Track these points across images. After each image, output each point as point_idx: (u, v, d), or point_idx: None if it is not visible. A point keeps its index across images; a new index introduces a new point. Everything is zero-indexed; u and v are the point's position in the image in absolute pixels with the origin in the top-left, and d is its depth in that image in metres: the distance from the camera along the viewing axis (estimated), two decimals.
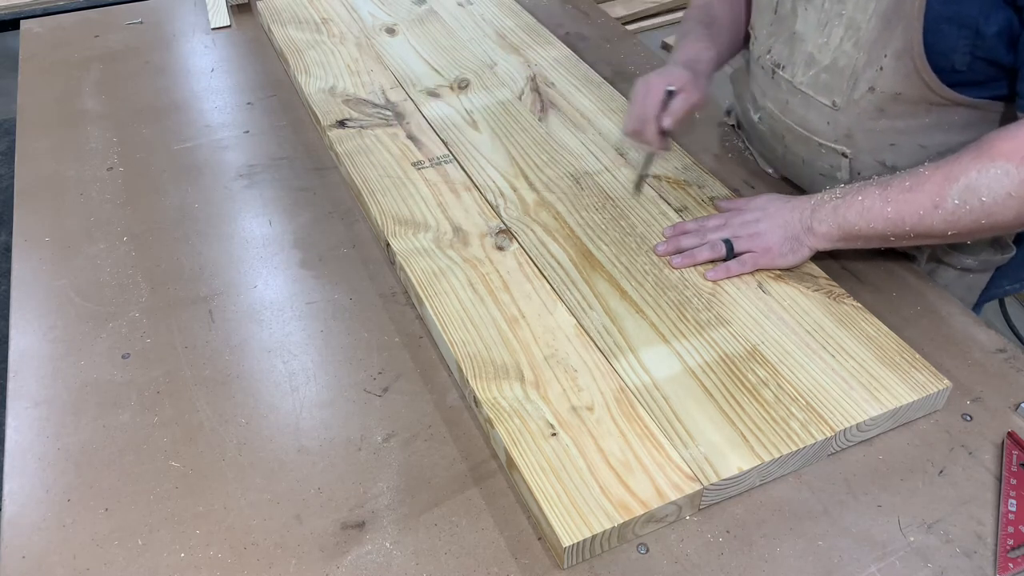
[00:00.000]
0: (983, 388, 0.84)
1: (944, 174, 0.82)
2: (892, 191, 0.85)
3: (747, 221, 0.94)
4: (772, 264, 0.92)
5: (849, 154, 0.96)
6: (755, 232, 0.93)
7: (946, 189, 0.82)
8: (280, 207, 1.10)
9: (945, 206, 0.82)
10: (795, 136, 1.02)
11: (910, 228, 0.84)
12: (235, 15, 1.57)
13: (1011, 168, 0.78)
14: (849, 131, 0.95)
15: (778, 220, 0.92)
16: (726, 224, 0.95)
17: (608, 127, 1.18)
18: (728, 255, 0.93)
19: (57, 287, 0.98)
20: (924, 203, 0.83)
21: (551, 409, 0.78)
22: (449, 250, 0.96)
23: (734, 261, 0.93)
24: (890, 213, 0.85)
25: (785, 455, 0.74)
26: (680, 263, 0.94)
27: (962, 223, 0.82)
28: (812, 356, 0.83)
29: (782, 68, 1.00)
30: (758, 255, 0.92)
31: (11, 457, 0.79)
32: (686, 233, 0.97)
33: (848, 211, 0.87)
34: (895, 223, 0.85)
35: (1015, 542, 0.70)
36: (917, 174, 0.84)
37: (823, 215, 0.89)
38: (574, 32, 1.48)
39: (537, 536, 0.72)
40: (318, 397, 0.84)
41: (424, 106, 1.23)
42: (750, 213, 0.95)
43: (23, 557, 0.71)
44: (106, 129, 1.25)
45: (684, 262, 0.94)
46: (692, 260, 0.94)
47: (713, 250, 0.93)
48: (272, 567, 0.70)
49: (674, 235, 0.97)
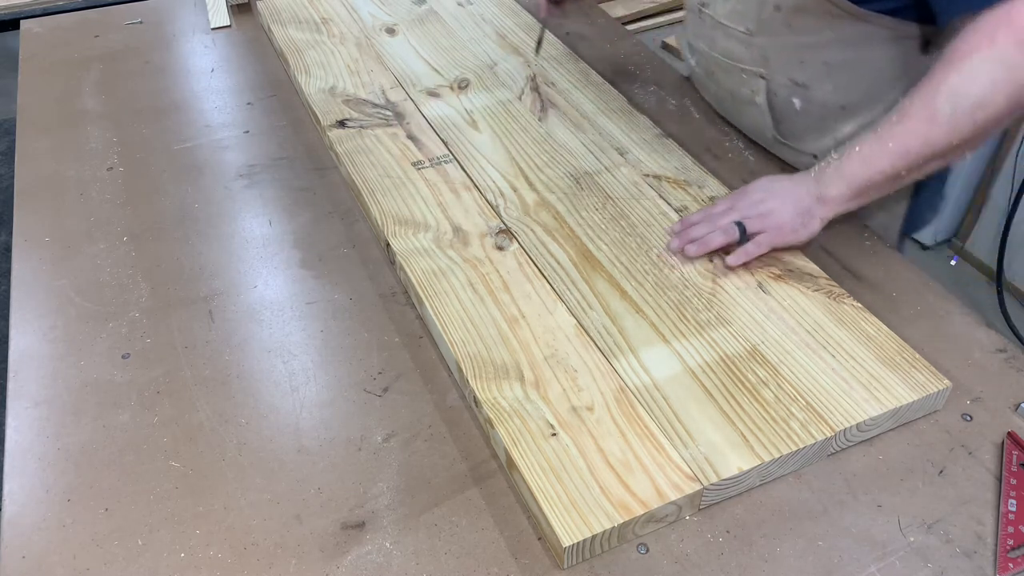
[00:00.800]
0: (983, 388, 0.84)
1: (925, 92, 0.84)
2: (884, 130, 0.86)
3: (754, 202, 0.94)
4: (785, 241, 0.92)
5: (765, 75, 1.06)
6: (765, 211, 0.92)
7: (933, 103, 0.83)
8: (280, 207, 1.10)
9: (939, 119, 0.83)
10: (722, 68, 1.12)
11: (916, 155, 0.85)
12: (235, 15, 1.57)
13: (981, 57, 0.80)
14: (764, 52, 1.04)
15: (785, 196, 0.92)
16: (733, 207, 0.95)
17: (608, 127, 1.18)
18: (741, 238, 0.92)
19: (57, 287, 0.98)
20: (919, 125, 0.84)
21: (551, 409, 0.78)
22: (449, 250, 0.96)
23: (750, 243, 0.92)
24: (892, 147, 0.85)
25: (785, 455, 0.74)
26: (695, 251, 0.93)
27: (961, 128, 0.82)
28: (812, 356, 0.83)
29: (706, 6, 1.10)
30: (771, 234, 0.92)
31: (11, 457, 0.79)
32: (694, 225, 0.96)
33: (851, 165, 0.88)
34: (900, 156, 0.85)
35: (1015, 542, 0.71)
36: (899, 106, 0.86)
37: (829, 179, 0.90)
38: (574, 32, 1.48)
39: (537, 536, 0.72)
40: (318, 397, 0.84)
41: (424, 106, 1.23)
42: (755, 194, 0.95)
43: (23, 557, 0.71)
44: (106, 129, 1.25)
45: (699, 249, 0.93)
46: (706, 247, 0.93)
47: (726, 234, 0.92)
48: (272, 567, 0.70)
49: (683, 228, 0.97)
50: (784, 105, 1.06)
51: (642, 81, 1.34)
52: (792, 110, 1.06)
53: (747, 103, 1.10)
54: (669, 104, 1.28)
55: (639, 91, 1.31)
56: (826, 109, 1.04)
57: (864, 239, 1.02)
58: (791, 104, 1.05)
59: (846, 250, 1.00)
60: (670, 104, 1.28)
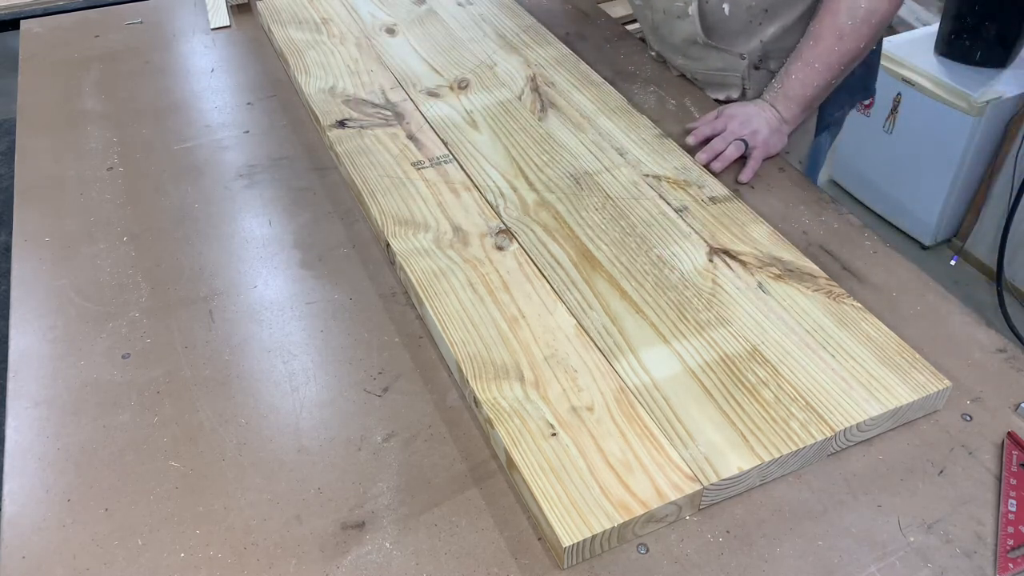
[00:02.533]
0: (983, 388, 0.84)
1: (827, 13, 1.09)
2: (806, 53, 1.12)
3: (743, 123, 1.14)
4: (769, 152, 1.13)
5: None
6: (753, 130, 1.13)
7: (837, 21, 1.08)
8: (280, 207, 1.10)
9: (845, 31, 1.08)
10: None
11: (837, 65, 1.11)
12: (235, 15, 1.57)
13: None
14: None
15: (760, 120, 1.14)
16: (728, 128, 1.14)
17: (608, 127, 1.18)
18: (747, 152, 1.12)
19: (57, 287, 0.98)
20: (831, 43, 1.09)
21: (551, 409, 0.78)
22: (449, 250, 0.96)
23: (751, 159, 1.11)
24: (817, 67, 1.11)
25: (785, 455, 0.74)
26: (719, 167, 1.10)
27: (864, 32, 1.08)
28: (812, 356, 0.83)
29: None
30: (761, 149, 1.12)
31: (11, 457, 0.79)
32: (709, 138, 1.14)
33: (793, 88, 1.14)
34: (825, 70, 1.11)
35: (1015, 542, 0.71)
36: (809, 32, 1.12)
37: (782, 104, 1.15)
38: (574, 32, 1.48)
39: (537, 536, 0.72)
40: (318, 397, 0.84)
41: (424, 106, 1.23)
42: (737, 120, 1.14)
43: (23, 557, 0.71)
44: (106, 129, 1.25)
45: (722, 165, 1.10)
46: (727, 161, 1.11)
47: (737, 149, 1.11)
48: (272, 567, 0.70)
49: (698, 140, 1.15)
50: (715, 12, 1.21)
51: (642, 81, 1.34)
52: (722, 15, 1.21)
53: (679, 17, 1.24)
54: (669, 104, 1.28)
55: (639, 91, 1.31)
56: (752, 12, 1.20)
57: (864, 239, 1.02)
58: (721, 10, 1.20)
59: (846, 250, 1.00)
60: (670, 104, 1.28)
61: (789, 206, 1.07)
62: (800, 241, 1.01)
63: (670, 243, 0.97)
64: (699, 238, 0.98)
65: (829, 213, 1.06)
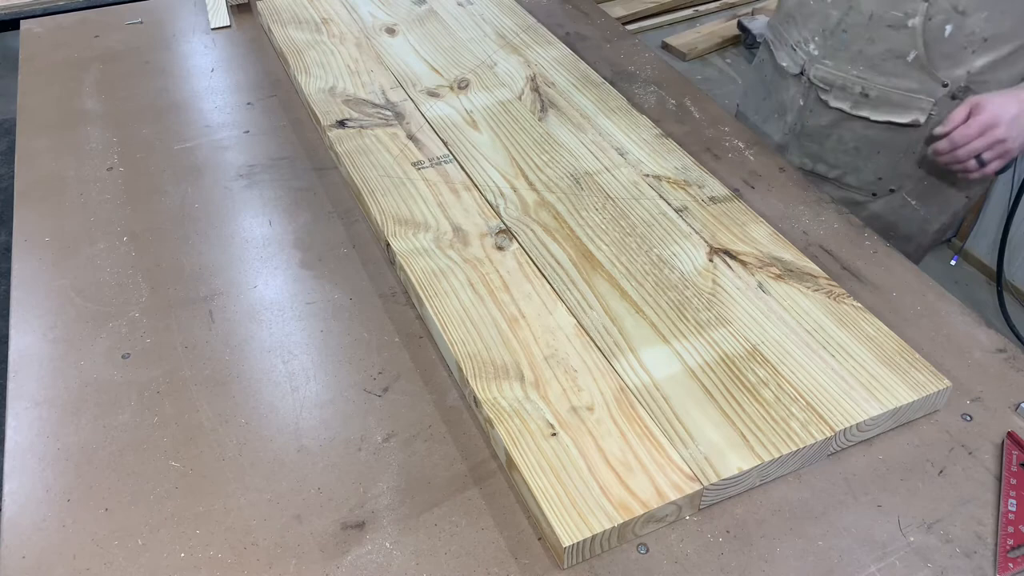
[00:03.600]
0: (983, 388, 0.84)
1: None
2: None
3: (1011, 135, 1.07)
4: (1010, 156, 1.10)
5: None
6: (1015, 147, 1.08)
7: None
8: (280, 207, 1.10)
9: None
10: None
11: None
12: (235, 15, 1.57)
13: None
14: None
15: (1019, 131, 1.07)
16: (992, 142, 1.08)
17: (608, 127, 1.18)
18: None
19: (57, 287, 0.98)
20: None
21: (551, 409, 0.78)
22: (449, 250, 0.96)
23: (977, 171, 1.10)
24: None
25: (785, 455, 0.74)
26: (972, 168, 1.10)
27: None
28: (812, 356, 0.83)
29: None
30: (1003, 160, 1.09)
31: (11, 457, 0.79)
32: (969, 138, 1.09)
33: None
34: None
35: (1015, 542, 0.71)
36: None
37: None
38: (574, 32, 1.48)
39: (537, 536, 0.72)
40: (318, 397, 0.84)
41: (424, 106, 1.23)
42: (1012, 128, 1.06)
43: (23, 557, 0.71)
44: (106, 129, 1.25)
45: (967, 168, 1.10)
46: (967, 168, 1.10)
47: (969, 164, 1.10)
48: (272, 567, 0.70)
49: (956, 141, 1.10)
50: (936, 30, 1.09)
51: (642, 81, 1.34)
52: (940, 35, 1.09)
53: (890, 26, 1.11)
54: (669, 104, 1.28)
55: (639, 91, 1.31)
56: (971, 39, 1.09)
57: (864, 239, 1.02)
58: (942, 30, 1.09)
59: (846, 250, 1.00)
60: (670, 104, 1.28)
61: (789, 206, 1.07)
62: (800, 241, 1.01)
63: (670, 243, 0.97)
64: (699, 238, 0.98)
65: (829, 213, 1.06)
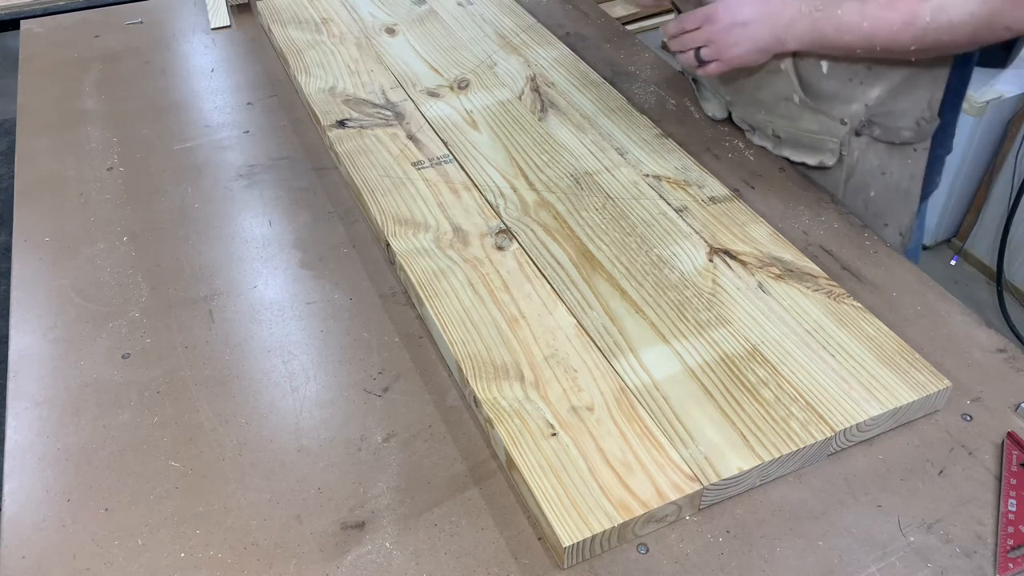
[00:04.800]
0: (983, 388, 0.84)
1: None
2: (870, 7, 0.92)
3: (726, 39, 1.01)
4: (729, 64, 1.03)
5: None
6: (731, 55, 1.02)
7: (920, 8, 0.89)
8: (280, 207, 1.10)
9: (916, 23, 0.89)
10: None
11: (879, 44, 0.93)
12: (235, 15, 1.57)
13: None
14: None
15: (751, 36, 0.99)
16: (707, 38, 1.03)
17: (608, 127, 1.18)
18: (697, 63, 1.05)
19: (57, 287, 0.98)
20: (898, 21, 0.90)
21: (551, 409, 0.78)
22: (449, 250, 0.96)
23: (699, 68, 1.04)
24: (866, 28, 0.92)
25: (785, 455, 0.74)
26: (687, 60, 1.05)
27: (927, 40, 0.90)
28: (812, 356, 0.83)
29: None
30: (721, 63, 1.03)
31: (11, 457, 0.79)
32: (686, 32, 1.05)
33: (827, 25, 0.95)
34: (868, 38, 0.93)
35: (1015, 542, 0.71)
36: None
37: (799, 32, 0.97)
38: (574, 32, 1.48)
39: (537, 536, 0.72)
40: (318, 397, 0.84)
41: (424, 106, 1.23)
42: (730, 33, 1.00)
43: (23, 557, 0.71)
44: (106, 129, 1.25)
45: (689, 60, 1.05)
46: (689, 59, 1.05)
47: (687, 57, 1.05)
48: (272, 567, 0.70)
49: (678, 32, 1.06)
50: (811, 68, 1.06)
51: (642, 81, 1.34)
52: (819, 73, 1.06)
53: (770, 71, 1.08)
54: (669, 104, 1.28)
55: (639, 91, 1.31)
56: (852, 70, 1.04)
57: (864, 239, 1.02)
58: (818, 67, 1.05)
59: (846, 250, 1.00)
60: (670, 104, 1.28)
61: (789, 206, 1.07)
62: (800, 241, 1.01)
63: (670, 243, 0.97)
64: (699, 238, 0.98)
65: (829, 213, 1.06)
